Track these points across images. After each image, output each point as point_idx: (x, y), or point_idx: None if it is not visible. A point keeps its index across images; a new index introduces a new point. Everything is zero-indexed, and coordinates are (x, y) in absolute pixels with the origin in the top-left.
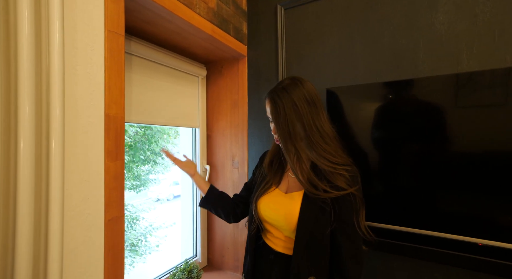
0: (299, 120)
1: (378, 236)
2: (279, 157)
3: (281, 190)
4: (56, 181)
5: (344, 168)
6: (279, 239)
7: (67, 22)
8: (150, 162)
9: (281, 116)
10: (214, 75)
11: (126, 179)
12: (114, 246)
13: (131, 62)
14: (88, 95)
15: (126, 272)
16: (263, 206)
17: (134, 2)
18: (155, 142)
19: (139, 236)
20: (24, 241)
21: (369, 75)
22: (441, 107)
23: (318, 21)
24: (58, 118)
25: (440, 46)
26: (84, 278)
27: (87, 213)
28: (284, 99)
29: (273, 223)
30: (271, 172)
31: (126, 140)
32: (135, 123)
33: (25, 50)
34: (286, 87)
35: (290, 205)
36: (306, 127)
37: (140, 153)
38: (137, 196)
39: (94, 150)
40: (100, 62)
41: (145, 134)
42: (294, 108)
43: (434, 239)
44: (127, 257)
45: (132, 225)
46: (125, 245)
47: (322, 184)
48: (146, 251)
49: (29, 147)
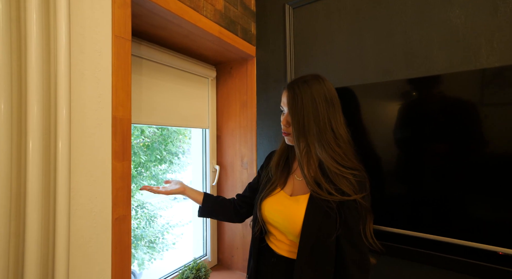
0: (315, 116)
1: (396, 242)
2: (286, 158)
3: (286, 192)
4: (62, 180)
5: (351, 172)
6: (282, 242)
7: (76, 29)
8: (167, 162)
9: (298, 108)
10: (224, 76)
11: (144, 179)
12: (122, 243)
13: (141, 65)
14: (96, 98)
15: (146, 267)
16: (267, 208)
17: (142, 8)
18: (171, 142)
19: (157, 233)
20: (33, 237)
21: (379, 74)
22: (468, 105)
23: (326, 20)
24: (64, 119)
25: (456, 42)
26: (93, 274)
27: (95, 211)
28: (304, 92)
29: (276, 226)
30: (277, 173)
31: (144, 140)
32: (145, 125)
33: (33, 56)
34: (307, 81)
35: (294, 209)
36: (320, 124)
37: (156, 153)
38: (155, 195)
39: (101, 151)
40: (107, 66)
41: (162, 134)
42: (312, 103)
43: (451, 246)
44: (145, 253)
45: (150, 222)
46: (144, 242)
47: (327, 185)
48: (163, 248)
49: (38, 147)
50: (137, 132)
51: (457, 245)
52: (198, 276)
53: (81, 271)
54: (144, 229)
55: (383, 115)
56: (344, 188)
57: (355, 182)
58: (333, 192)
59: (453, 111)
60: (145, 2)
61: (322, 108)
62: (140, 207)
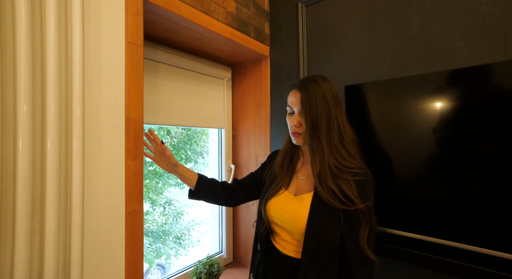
0: (326, 113)
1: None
2: (290, 158)
3: (291, 192)
4: (77, 176)
5: (353, 171)
6: (287, 242)
7: (92, 38)
8: (192, 161)
9: (313, 107)
10: (239, 77)
11: (169, 177)
12: (134, 236)
13: (158, 69)
14: (110, 101)
15: (172, 262)
16: (273, 208)
17: (155, 15)
18: (195, 142)
19: (183, 230)
20: (51, 229)
21: (395, 70)
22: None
23: (339, 16)
24: (78, 120)
25: (482, 32)
26: (107, 263)
27: (109, 205)
28: (316, 91)
29: (282, 226)
30: (281, 173)
31: (171, 140)
32: (163, 125)
33: (51, 65)
34: (317, 81)
35: (299, 208)
36: (330, 122)
37: (182, 153)
38: (181, 193)
39: (115, 150)
40: (121, 71)
41: (187, 134)
42: (323, 101)
43: (467, 253)
44: (171, 248)
45: (177, 219)
46: (171, 237)
47: (333, 184)
48: (189, 245)
49: (55, 146)
50: (163, 132)
51: (474, 252)
52: (210, 271)
53: (98, 259)
54: (171, 225)
55: (410, 113)
56: (346, 191)
57: (354, 185)
58: (337, 192)
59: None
60: (158, 9)
61: (332, 105)
62: (168, 204)
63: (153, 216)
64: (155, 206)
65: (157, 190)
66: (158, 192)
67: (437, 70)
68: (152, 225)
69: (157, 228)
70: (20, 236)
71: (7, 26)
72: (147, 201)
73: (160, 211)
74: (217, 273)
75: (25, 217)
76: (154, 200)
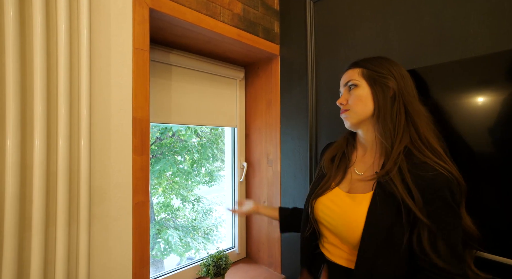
0: (391, 90)
1: None
2: (343, 151)
3: (342, 189)
4: (84, 170)
5: (439, 164)
6: (335, 247)
7: (103, 46)
8: (219, 160)
9: (376, 80)
10: (252, 77)
11: (197, 175)
12: (141, 225)
13: (170, 72)
14: (119, 101)
15: (200, 257)
16: (320, 207)
17: (162, 21)
18: (221, 141)
19: (211, 226)
20: (62, 212)
21: (406, 63)
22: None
23: (347, 10)
24: (86, 119)
25: (501, 17)
26: (117, 248)
27: (118, 196)
28: (391, 66)
29: (330, 228)
30: (331, 169)
31: (201, 140)
32: (177, 124)
33: (62, 70)
34: (387, 58)
35: (353, 209)
36: (405, 99)
37: (209, 151)
38: (210, 191)
39: (124, 146)
40: (128, 74)
41: (214, 133)
42: (402, 77)
43: None
44: (200, 243)
45: (206, 216)
46: (200, 233)
47: (406, 171)
48: (217, 240)
49: (65, 143)
50: (190, 131)
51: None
52: (218, 264)
53: (108, 243)
54: (200, 221)
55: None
56: (422, 187)
57: (433, 183)
58: (410, 187)
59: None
60: (165, 16)
61: (400, 81)
62: (197, 201)
63: (183, 212)
64: (185, 202)
65: (187, 187)
66: (189, 189)
67: (451, 60)
68: (183, 220)
69: (187, 224)
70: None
71: (28, 40)
72: (179, 197)
73: (190, 207)
74: (225, 266)
75: (39, 210)
76: (185, 197)
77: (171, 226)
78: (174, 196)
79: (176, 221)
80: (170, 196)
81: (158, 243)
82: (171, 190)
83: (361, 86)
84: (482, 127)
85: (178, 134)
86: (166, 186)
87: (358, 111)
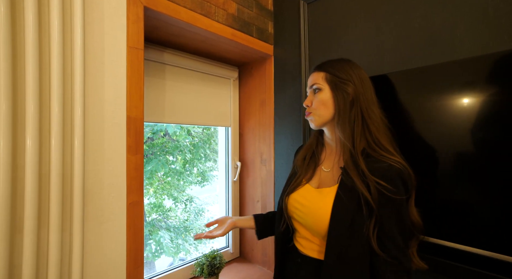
0: (349, 91)
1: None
2: (313, 151)
3: (312, 185)
4: (78, 168)
5: (391, 159)
6: (308, 240)
7: (96, 45)
8: (211, 160)
9: (337, 83)
10: (246, 77)
11: (189, 175)
12: (135, 225)
13: (164, 71)
14: (113, 100)
15: (192, 257)
16: (292, 202)
17: (157, 20)
18: (214, 141)
19: (203, 227)
20: (55, 216)
21: (397, 64)
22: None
23: (340, 12)
24: (79, 118)
25: (486, 22)
26: (111, 248)
27: (112, 196)
28: (352, 71)
29: (301, 222)
30: (302, 167)
31: (193, 140)
32: (171, 123)
33: (55, 68)
34: (349, 62)
35: (320, 201)
36: (362, 105)
37: (201, 151)
38: (203, 191)
39: (118, 145)
40: (122, 73)
41: (206, 133)
42: (361, 82)
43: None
44: (191, 244)
45: (198, 216)
46: (192, 234)
47: (362, 171)
48: (209, 241)
49: (58, 142)
50: (183, 132)
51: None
52: (212, 263)
53: (102, 244)
54: (192, 222)
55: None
56: (378, 180)
57: (388, 174)
58: (367, 180)
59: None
60: (159, 15)
61: (358, 85)
62: (189, 201)
63: (175, 212)
64: (177, 202)
65: (179, 187)
66: (180, 190)
67: (440, 62)
68: (175, 221)
69: (179, 224)
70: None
71: (20, 38)
72: (170, 198)
73: (182, 208)
74: (219, 265)
75: (31, 211)
76: (176, 197)
77: (163, 227)
78: (165, 197)
79: (167, 222)
80: (162, 196)
81: (149, 244)
82: (162, 191)
83: (324, 90)
84: (464, 127)
85: (173, 136)
86: (157, 186)
87: (322, 114)
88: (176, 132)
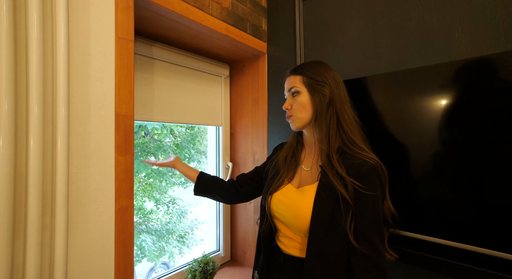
0: (325, 94)
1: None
2: (293, 151)
3: (293, 185)
4: (61, 172)
5: (365, 155)
6: (290, 239)
7: (81, 33)
8: (195, 161)
9: (313, 87)
10: (237, 74)
11: (173, 176)
12: (125, 232)
13: (153, 66)
14: (100, 96)
15: (177, 260)
16: (274, 202)
17: (148, 11)
18: (198, 141)
19: (187, 229)
20: (34, 225)
21: (394, 64)
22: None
23: (336, 11)
24: (63, 118)
25: (483, 23)
26: (96, 256)
27: (98, 201)
28: (327, 73)
29: (283, 221)
30: (284, 167)
31: (176, 139)
32: (159, 122)
33: (34, 62)
34: (323, 64)
35: (300, 201)
36: (337, 106)
37: (185, 152)
38: (185, 192)
39: (105, 145)
40: (111, 66)
41: (190, 133)
42: (336, 84)
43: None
44: (175, 247)
45: (181, 218)
46: (174, 236)
47: (339, 169)
48: (192, 243)
49: (38, 143)
50: (166, 131)
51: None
52: (205, 269)
53: (85, 252)
54: (175, 224)
55: (418, 109)
56: (354, 177)
57: (362, 170)
58: (344, 178)
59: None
60: (150, 5)
61: (334, 87)
62: (172, 203)
63: (157, 215)
64: (159, 205)
65: (161, 189)
66: (162, 191)
67: (436, 63)
68: (156, 223)
69: (161, 227)
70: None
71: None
72: (152, 200)
73: (164, 210)
74: (212, 271)
75: (7, 217)
76: (158, 199)
77: (144, 230)
78: (146, 199)
79: (148, 225)
80: (143, 198)
81: None
82: (143, 193)
83: (302, 93)
84: (432, 127)
85: (153, 133)
86: (138, 188)
87: (301, 117)
88: (156, 129)
